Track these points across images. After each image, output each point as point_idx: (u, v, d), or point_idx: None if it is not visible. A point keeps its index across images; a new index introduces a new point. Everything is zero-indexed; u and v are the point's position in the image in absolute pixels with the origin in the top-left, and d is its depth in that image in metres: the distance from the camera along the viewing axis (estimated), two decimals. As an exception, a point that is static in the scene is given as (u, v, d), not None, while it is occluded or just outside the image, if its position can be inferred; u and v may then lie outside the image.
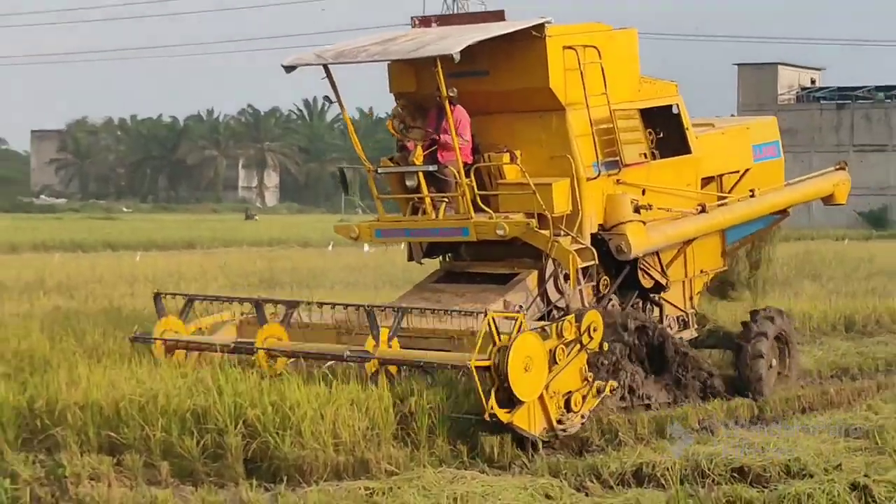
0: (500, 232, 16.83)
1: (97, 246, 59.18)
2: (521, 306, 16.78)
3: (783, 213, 21.13)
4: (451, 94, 16.75)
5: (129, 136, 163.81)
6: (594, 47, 17.49)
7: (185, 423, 14.55)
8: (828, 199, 22.12)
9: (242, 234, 70.25)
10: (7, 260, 46.55)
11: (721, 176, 20.23)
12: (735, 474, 13.67)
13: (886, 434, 15.10)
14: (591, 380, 15.55)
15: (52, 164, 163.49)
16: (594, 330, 15.42)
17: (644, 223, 17.87)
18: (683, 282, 19.57)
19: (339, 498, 12.41)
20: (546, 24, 17.08)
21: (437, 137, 17.52)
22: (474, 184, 17.16)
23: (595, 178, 17.49)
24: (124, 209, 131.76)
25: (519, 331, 14.63)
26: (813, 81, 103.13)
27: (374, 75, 18.27)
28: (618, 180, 17.89)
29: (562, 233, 17.17)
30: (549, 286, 17.34)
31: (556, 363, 15.06)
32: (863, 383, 20.58)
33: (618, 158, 17.76)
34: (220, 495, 12.81)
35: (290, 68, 17.53)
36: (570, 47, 17.21)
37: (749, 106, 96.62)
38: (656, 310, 19.11)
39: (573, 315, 15.56)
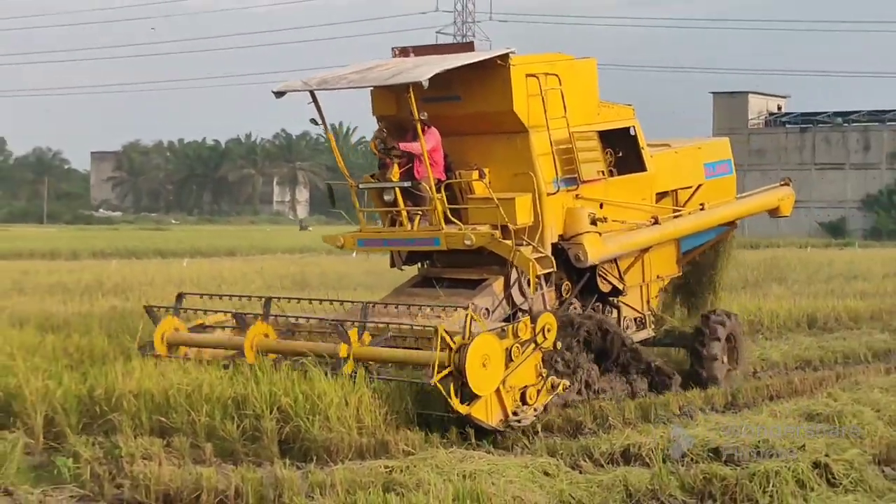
0: (467, 242, 16.71)
1: (149, 253, 59.20)
2: (487, 309, 16.73)
3: (732, 224, 21.02)
4: (422, 117, 16.54)
5: (176, 156, 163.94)
6: (555, 75, 17.38)
7: (226, 409, 14.59)
8: (774, 212, 22.09)
9: (276, 243, 70.24)
10: (70, 266, 46.60)
11: (675, 191, 20.12)
12: (711, 454, 13.66)
13: (844, 418, 15.10)
14: (545, 376, 15.48)
15: (109, 181, 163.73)
16: (548, 330, 15.37)
17: (600, 234, 17.71)
18: (641, 286, 19.48)
19: (362, 475, 12.37)
20: (510, 55, 16.94)
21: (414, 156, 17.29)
22: (444, 197, 17.02)
23: (554, 194, 17.34)
24: (173, 221, 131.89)
25: (471, 329, 14.56)
26: (779, 108, 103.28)
27: (349, 97, 18.11)
28: (577, 195, 17.76)
29: (524, 243, 17.00)
30: (514, 291, 17.16)
31: (513, 360, 14.99)
32: (823, 373, 20.60)
33: (576, 175, 17.59)
34: (258, 472, 12.77)
35: (279, 94, 17.35)
36: (532, 75, 17.07)
37: (722, 130, 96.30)
38: (615, 312, 18.97)
39: (529, 317, 15.58)
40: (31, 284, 33.95)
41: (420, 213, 17.26)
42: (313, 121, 17.41)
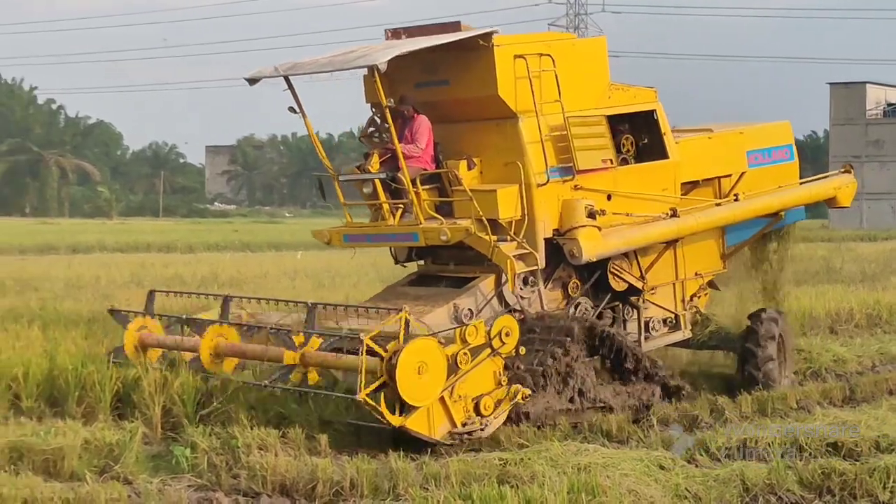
0: (443, 237, 15.70)
1: (263, 246, 59.76)
2: (470, 309, 15.65)
3: (775, 215, 19.12)
4: (389, 104, 15.65)
5: (290, 150, 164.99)
6: (548, 55, 16.12)
7: (340, 401, 14.60)
8: (831, 202, 20.16)
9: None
10: (185, 259, 47.22)
11: (718, 179, 18.69)
12: (829, 449, 13.52)
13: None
14: (505, 384, 14.24)
15: (223, 175, 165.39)
16: (506, 335, 14.08)
17: (599, 228, 16.31)
18: (674, 284, 18.20)
19: (476, 467, 12.41)
20: (493, 34, 15.85)
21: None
22: (421, 190, 16.03)
23: (544, 185, 16.04)
24: (286, 214, 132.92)
25: (406, 334, 13.61)
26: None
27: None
28: (575, 186, 16.44)
29: (508, 238, 15.82)
30: (506, 289, 15.99)
31: (459, 367, 13.83)
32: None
33: (571, 165, 16.32)
34: (372, 464, 12.82)
35: (252, 81, 16.38)
36: (521, 56, 15.86)
37: (839, 120, 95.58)
38: (634, 312, 17.69)
39: (481, 320, 14.55)
40: (149, 277, 34.45)
41: (401, 206, 16.29)
42: (291, 109, 16.38)
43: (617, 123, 17.05)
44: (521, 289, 15.99)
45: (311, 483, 12.41)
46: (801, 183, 19.88)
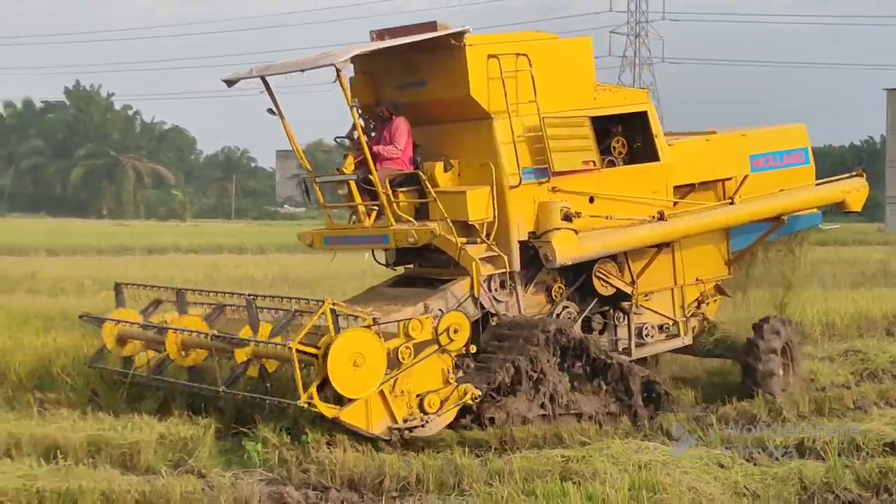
0: (410, 240, 15.28)
1: (332, 248, 59.69)
2: (440, 310, 14.74)
3: (777, 220, 18.14)
4: (354, 105, 15.39)
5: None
6: (525, 55, 15.40)
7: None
8: (841, 206, 18.90)
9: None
10: (256, 260, 47.53)
11: (723, 182, 17.76)
12: (887, 448, 13.38)
13: None
14: (454, 383, 13.99)
15: (293, 178, 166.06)
16: (455, 332, 13.89)
17: (577, 231, 15.55)
18: (672, 289, 17.47)
19: (539, 463, 12.43)
20: (465, 34, 15.19)
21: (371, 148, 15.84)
22: (390, 192, 15.51)
23: (517, 186, 15.34)
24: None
25: (336, 325, 13.28)
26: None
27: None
28: (553, 188, 15.66)
29: (478, 241, 15.28)
30: (483, 289, 15.32)
31: (401, 362, 13.63)
32: None
33: (547, 166, 15.59)
34: (438, 460, 12.89)
35: (230, 83, 15.94)
36: (494, 56, 15.17)
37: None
38: (623, 318, 16.91)
39: (428, 316, 14.11)
40: (222, 277, 34.69)
41: (375, 207, 15.81)
42: (270, 110, 15.89)
43: (609, 125, 16.57)
44: (496, 292, 15.53)
45: (378, 478, 12.55)
46: (785, 190, 18.47)
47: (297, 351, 13.20)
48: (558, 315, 15.97)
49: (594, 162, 15.95)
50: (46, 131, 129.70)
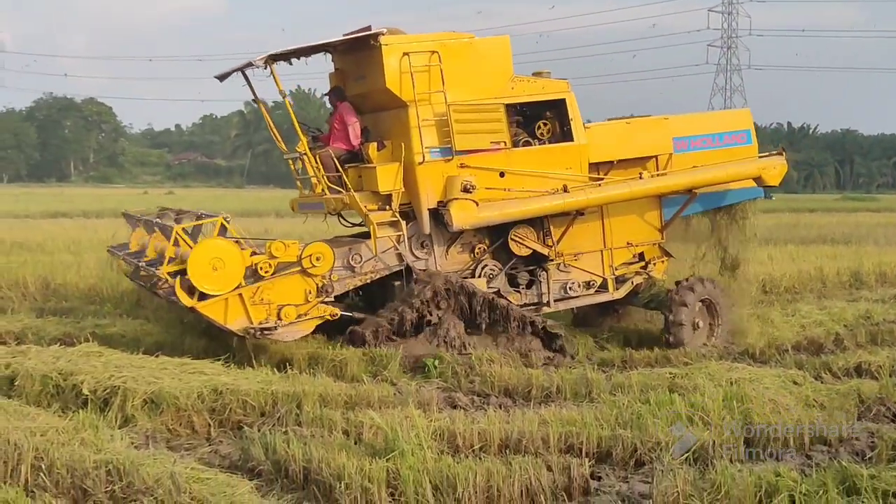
0: (330, 206, 14.91)
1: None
2: (359, 255, 14.51)
3: (690, 193, 16.03)
4: (282, 93, 14.49)
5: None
6: (435, 52, 14.51)
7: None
8: (759, 181, 16.37)
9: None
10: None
11: (656, 159, 15.94)
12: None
13: None
14: (314, 301, 13.66)
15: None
16: (317, 259, 13.61)
17: (476, 202, 14.54)
18: (602, 251, 15.91)
19: (652, 378, 12.55)
20: (380, 35, 14.41)
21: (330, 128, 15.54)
22: (319, 166, 14.77)
23: (423, 163, 14.55)
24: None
25: (218, 235, 13.12)
26: None
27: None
28: (461, 164, 14.71)
29: (386, 208, 14.60)
30: (402, 248, 14.71)
31: (261, 275, 13.35)
32: None
33: (450, 146, 14.62)
34: (573, 374, 13.10)
35: (222, 77, 15.30)
36: (407, 53, 14.38)
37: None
38: (544, 275, 15.52)
39: (295, 241, 13.74)
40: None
41: (326, 178, 15.03)
42: (254, 101, 15.38)
43: (541, 110, 15.39)
44: (417, 250, 14.91)
45: (527, 388, 12.93)
46: (700, 166, 16.29)
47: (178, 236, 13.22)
48: (480, 271, 15.26)
49: (505, 142, 15.01)
50: (275, 124, 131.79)
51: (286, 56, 14.79)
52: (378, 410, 11.07)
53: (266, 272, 13.52)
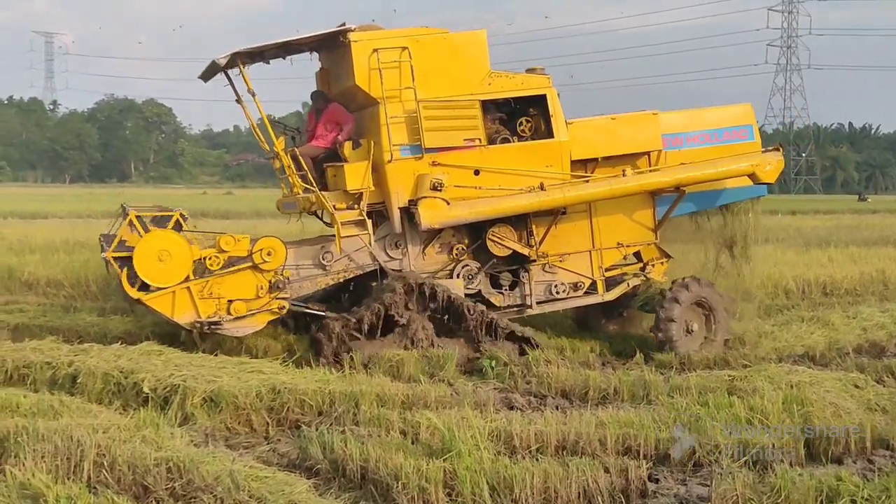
0: (299, 206, 14.73)
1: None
2: (330, 253, 14.30)
3: (678, 191, 15.35)
4: (251, 92, 14.04)
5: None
6: (406, 48, 14.03)
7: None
8: (753, 178, 15.39)
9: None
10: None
11: (648, 156, 15.33)
12: None
13: None
14: (265, 297, 13.45)
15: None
16: (268, 254, 13.40)
17: (446, 200, 14.11)
18: (590, 252, 15.36)
19: (710, 381, 12.39)
20: (349, 32, 14.06)
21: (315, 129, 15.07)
22: (291, 164, 14.35)
23: (392, 161, 14.14)
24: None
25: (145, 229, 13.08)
26: None
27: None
28: (433, 162, 14.25)
29: (355, 206, 14.24)
30: (375, 247, 14.51)
31: (209, 269, 13.18)
32: None
33: (420, 143, 14.19)
34: (631, 376, 13.07)
35: (207, 77, 14.94)
36: (377, 50, 13.98)
37: None
38: (526, 276, 15.08)
39: (246, 236, 13.54)
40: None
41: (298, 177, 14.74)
42: (237, 101, 14.81)
43: (525, 106, 14.92)
44: (391, 249, 14.69)
45: (584, 389, 12.89)
46: (696, 163, 15.55)
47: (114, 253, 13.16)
48: (458, 272, 14.90)
49: (480, 139, 14.51)
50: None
51: (252, 54, 14.31)
52: (435, 411, 11.07)
53: (215, 266, 13.39)
